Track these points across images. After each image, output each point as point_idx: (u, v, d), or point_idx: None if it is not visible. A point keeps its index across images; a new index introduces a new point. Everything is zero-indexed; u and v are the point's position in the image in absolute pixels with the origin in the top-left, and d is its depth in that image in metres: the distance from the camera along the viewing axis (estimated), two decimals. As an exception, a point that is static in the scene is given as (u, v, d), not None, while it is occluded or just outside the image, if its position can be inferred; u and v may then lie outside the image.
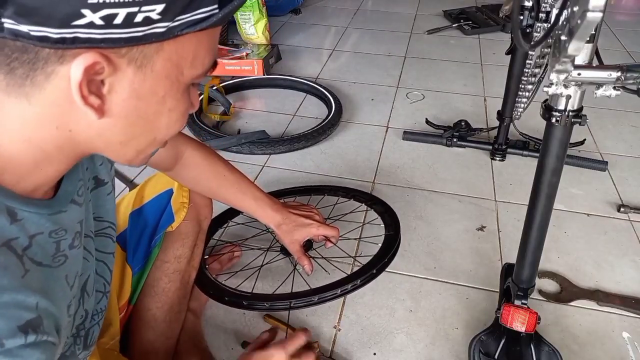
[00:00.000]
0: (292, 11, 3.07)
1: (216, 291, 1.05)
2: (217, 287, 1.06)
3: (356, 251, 1.32)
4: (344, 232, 1.26)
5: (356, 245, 1.33)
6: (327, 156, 1.75)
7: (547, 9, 0.80)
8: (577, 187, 1.59)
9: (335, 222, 1.30)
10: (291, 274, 1.19)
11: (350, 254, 1.29)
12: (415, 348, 1.10)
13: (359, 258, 1.28)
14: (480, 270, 1.29)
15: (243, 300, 1.02)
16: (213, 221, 1.20)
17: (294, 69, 2.40)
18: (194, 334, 1.07)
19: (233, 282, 1.14)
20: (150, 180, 1.01)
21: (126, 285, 0.91)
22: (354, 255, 1.30)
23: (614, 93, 0.71)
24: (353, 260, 1.28)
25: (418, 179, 1.63)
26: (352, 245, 1.33)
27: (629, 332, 1.14)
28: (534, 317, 0.94)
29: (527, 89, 1.05)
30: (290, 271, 1.22)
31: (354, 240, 1.34)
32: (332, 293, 1.01)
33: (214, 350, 1.08)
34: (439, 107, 2.06)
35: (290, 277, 1.17)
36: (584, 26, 0.54)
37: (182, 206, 0.98)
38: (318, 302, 1.01)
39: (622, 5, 3.34)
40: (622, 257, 1.34)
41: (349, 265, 1.28)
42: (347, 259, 1.28)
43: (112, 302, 0.87)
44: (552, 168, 0.84)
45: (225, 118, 1.94)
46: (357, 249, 1.33)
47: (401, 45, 2.67)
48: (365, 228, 1.37)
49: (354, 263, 1.28)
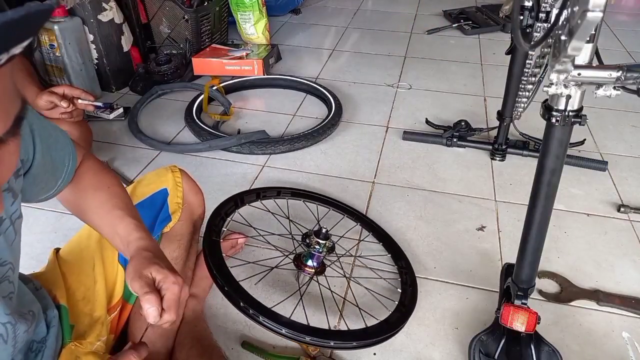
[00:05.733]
0: (292, 11, 3.07)
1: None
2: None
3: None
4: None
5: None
6: (327, 156, 1.75)
7: (547, 9, 0.80)
8: (577, 187, 1.59)
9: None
10: (296, 293, 1.19)
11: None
12: (415, 348, 1.10)
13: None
14: (480, 270, 1.29)
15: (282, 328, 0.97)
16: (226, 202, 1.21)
17: (294, 69, 2.40)
18: (195, 322, 1.08)
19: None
20: (142, 180, 1.00)
21: (118, 284, 0.90)
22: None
23: (614, 93, 0.71)
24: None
25: (418, 179, 1.63)
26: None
27: (629, 332, 1.14)
28: (534, 317, 0.94)
29: (527, 89, 1.05)
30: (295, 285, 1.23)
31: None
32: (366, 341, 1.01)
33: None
34: (439, 107, 2.06)
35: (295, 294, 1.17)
36: (584, 26, 0.54)
37: (177, 207, 0.98)
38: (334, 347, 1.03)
39: (622, 5, 3.34)
40: (622, 257, 1.34)
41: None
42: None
43: (100, 300, 0.87)
44: (552, 168, 0.84)
45: (225, 118, 1.94)
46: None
47: (401, 45, 2.67)
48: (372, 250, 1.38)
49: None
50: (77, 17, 1.93)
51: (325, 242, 1.18)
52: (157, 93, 2.08)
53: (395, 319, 1.07)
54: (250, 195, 1.33)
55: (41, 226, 1.40)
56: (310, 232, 1.20)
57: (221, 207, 1.22)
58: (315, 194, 1.45)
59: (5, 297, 0.62)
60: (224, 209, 1.21)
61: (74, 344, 0.80)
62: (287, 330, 0.96)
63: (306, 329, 0.98)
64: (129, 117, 1.91)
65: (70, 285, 0.86)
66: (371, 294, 1.20)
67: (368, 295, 1.20)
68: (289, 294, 1.20)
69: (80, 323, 0.84)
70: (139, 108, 1.97)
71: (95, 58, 2.07)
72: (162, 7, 2.23)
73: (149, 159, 1.72)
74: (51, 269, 0.88)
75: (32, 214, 1.43)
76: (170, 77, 2.20)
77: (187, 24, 2.24)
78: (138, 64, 2.24)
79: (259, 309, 0.97)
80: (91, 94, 1.37)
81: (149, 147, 1.77)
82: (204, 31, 2.32)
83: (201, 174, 1.63)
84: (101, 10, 1.99)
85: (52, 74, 1.99)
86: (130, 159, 1.72)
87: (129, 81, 2.19)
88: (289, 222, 1.35)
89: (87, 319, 0.85)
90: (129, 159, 1.72)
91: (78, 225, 0.90)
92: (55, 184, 0.76)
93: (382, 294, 1.20)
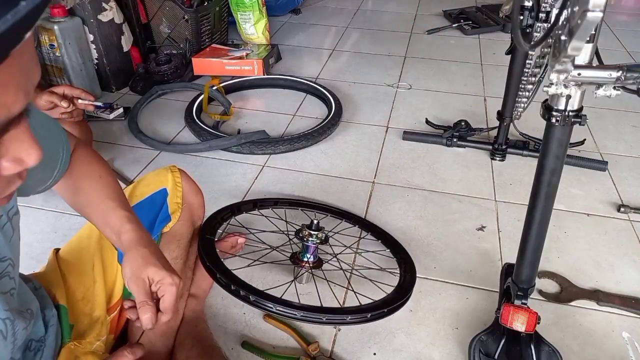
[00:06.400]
0: (292, 11, 3.07)
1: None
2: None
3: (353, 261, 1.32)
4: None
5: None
6: (327, 156, 1.75)
7: (547, 9, 0.80)
8: (577, 187, 1.59)
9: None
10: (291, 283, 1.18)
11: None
12: (415, 348, 1.10)
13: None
14: (480, 270, 1.29)
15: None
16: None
17: (294, 69, 2.40)
18: (195, 322, 1.08)
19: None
20: (142, 180, 1.00)
21: (117, 284, 0.90)
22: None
23: (614, 93, 0.71)
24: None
25: (418, 179, 1.63)
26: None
27: (629, 332, 1.14)
28: (534, 317, 0.94)
29: (527, 89, 1.05)
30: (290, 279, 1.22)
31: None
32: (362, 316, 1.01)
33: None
34: (439, 107, 2.06)
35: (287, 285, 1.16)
36: (584, 26, 0.54)
37: (177, 207, 0.98)
38: (326, 322, 1.02)
39: (622, 5, 3.34)
40: (622, 257, 1.34)
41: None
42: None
43: (99, 300, 0.87)
44: (552, 168, 0.84)
45: (225, 118, 1.94)
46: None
47: (401, 45, 2.67)
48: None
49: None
50: (77, 17, 1.93)
51: (318, 233, 1.18)
52: (157, 93, 2.08)
53: (398, 292, 1.08)
54: (247, 205, 1.34)
55: (41, 226, 1.40)
56: (302, 226, 1.21)
57: (217, 214, 1.22)
58: (313, 203, 1.45)
59: (5, 293, 0.63)
60: (220, 215, 1.22)
61: (74, 344, 0.80)
62: (303, 314, 0.95)
63: (320, 309, 0.98)
64: (129, 117, 1.91)
65: (70, 285, 0.86)
66: (372, 283, 1.20)
67: (368, 282, 1.19)
68: (288, 290, 1.19)
69: (79, 323, 0.84)
70: (139, 108, 1.97)
71: (95, 58, 2.07)
72: (162, 7, 2.22)
73: (149, 159, 1.72)
74: (51, 269, 0.88)
75: (32, 214, 1.43)
76: (170, 77, 2.20)
77: (187, 24, 2.24)
78: (138, 64, 2.24)
79: (270, 299, 0.97)
80: (91, 94, 1.38)
81: (149, 147, 1.77)
82: (204, 31, 2.32)
83: (201, 174, 1.63)
84: (101, 10, 1.99)
85: (52, 74, 1.99)
86: (130, 159, 1.72)
87: (129, 81, 2.19)
88: (285, 223, 1.35)
89: (87, 319, 0.85)
90: (129, 159, 1.72)
91: (78, 225, 0.91)
92: (51, 175, 0.75)
93: (381, 281, 1.20)
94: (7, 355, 0.63)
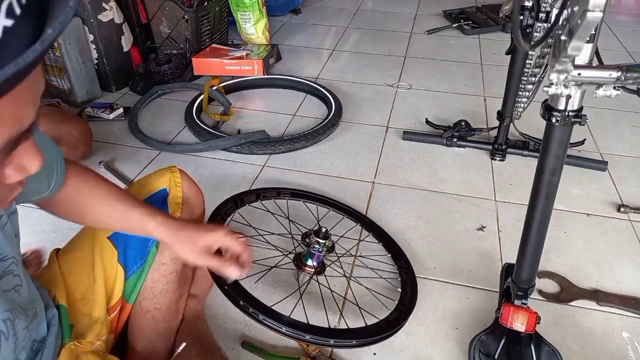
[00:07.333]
0: (292, 11, 3.07)
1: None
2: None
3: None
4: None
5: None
6: (327, 156, 1.75)
7: (547, 9, 0.80)
8: (577, 187, 1.59)
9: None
10: (296, 292, 1.19)
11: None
12: (415, 348, 1.10)
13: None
14: (480, 270, 1.29)
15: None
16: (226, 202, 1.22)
17: (294, 69, 2.40)
18: (195, 322, 1.08)
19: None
20: (142, 180, 1.00)
21: (117, 285, 0.90)
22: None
23: (614, 93, 0.71)
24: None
25: (418, 179, 1.63)
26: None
27: (629, 332, 1.14)
28: (534, 317, 0.94)
29: (527, 89, 1.05)
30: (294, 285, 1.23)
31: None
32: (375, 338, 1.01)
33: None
34: (439, 107, 2.06)
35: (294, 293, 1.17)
36: (584, 26, 0.54)
37: (177, 207, 0.98)
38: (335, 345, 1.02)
39: (622, 5, 3.34)
40: (622, 257, 1.34)
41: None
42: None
43: (99, 300, 0.87)
44: (552, 168, 0.84)
45: (225, 118, 1.94)
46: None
47: (401, 45, 2.67)
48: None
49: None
50: (77, 17, 1.93)
51: (325, 242, 1.18)
52: (157, 93, 2.08)
53: (395, 318, 1.07)
54: (250, 196, 1.33)
55: (41, 226, 1.40)
56: (309, 231, 1.20)
57: (221, 208, 1.22)
58: (315, 195, 1.45)
59: (9, 290, 0.63)
60: (223, 209, 1.21)
61: (74, 344, 0.80)
62: (287, 329, 0.95)
63: (306, 327, 0.98)
64: (129, 117, 1.91)
65: (70, 286, 0.86)
66: (371, 293, 1.20)
67: (368, 294, 1.20)
68: (289, 293, 1.20)
69: (79, 323, 0.84)
70: (139, 108, 1.97)
71: (95, 58, 2.07)
72: (162, 7, 2.22)
73: (149, 159, 1.72)
74: (51, 269, 0.88)
75: (32, 214, 1.43)
76: (170, 77, 2.20)
77: (187, 24, 2.24)
78: (138, 64, 2.24)
79: (259, 308, 0.97)
80: None
81: (149, 147, 1.77)
82: (204, 31, 2.32)
83: (201, 174, 1.63)
84: (101, 10, 1.99)
85: (52, 74, 1.99)
86: (130, 159, 1.72)
87: (129, 81, 2.19)
88: (288, 222, 1.35)
89: (87, 319, 0.85)
90: (129, 159, 1.72)
91: (78, 225, 0.90)
92: (48, 187, 0.75)
93: (382, 294, 1.20)
94: (9, 356, 0.63)
